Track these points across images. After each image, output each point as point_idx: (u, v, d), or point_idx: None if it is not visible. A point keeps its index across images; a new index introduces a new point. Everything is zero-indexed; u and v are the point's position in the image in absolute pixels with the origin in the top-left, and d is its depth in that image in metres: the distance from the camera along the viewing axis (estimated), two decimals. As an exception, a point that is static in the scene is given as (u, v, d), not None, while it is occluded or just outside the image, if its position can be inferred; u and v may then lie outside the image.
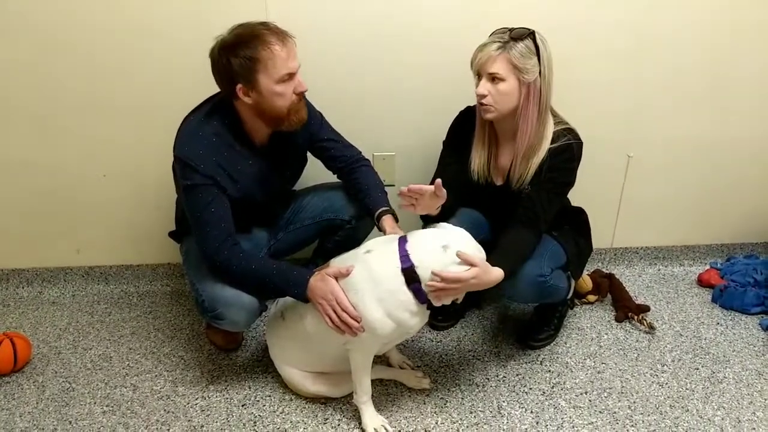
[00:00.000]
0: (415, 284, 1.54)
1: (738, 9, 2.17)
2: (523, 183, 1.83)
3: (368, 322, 1.56)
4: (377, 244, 1.65)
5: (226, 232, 1.72)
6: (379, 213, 1.85)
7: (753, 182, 2.49)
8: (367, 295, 1.55)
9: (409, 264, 1.54)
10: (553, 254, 1.90)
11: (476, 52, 1.73)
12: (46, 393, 1.90)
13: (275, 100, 1.67)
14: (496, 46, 1.69)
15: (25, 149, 2.24)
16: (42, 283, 2.47)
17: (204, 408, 1.82)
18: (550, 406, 1.83)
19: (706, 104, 2.33)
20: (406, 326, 1.59)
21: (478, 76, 1.76)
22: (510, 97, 1.74)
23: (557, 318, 2.14)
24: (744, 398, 1.85)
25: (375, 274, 1.56)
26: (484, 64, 1.71)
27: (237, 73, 1.62)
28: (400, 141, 2.29)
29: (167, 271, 2.48)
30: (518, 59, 1.69)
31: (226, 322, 1.75)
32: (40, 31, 2.06)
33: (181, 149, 1.70)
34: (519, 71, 1.70)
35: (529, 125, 1.77)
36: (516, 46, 1.68)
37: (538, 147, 1.79)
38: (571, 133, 1.81)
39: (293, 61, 1.66)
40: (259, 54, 1.60)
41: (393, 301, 1.55)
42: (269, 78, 1.63)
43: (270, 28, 1.63)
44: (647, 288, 2.46)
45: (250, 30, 1.62)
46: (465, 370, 1.98)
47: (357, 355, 1.66)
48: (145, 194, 2.32)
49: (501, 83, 1.71)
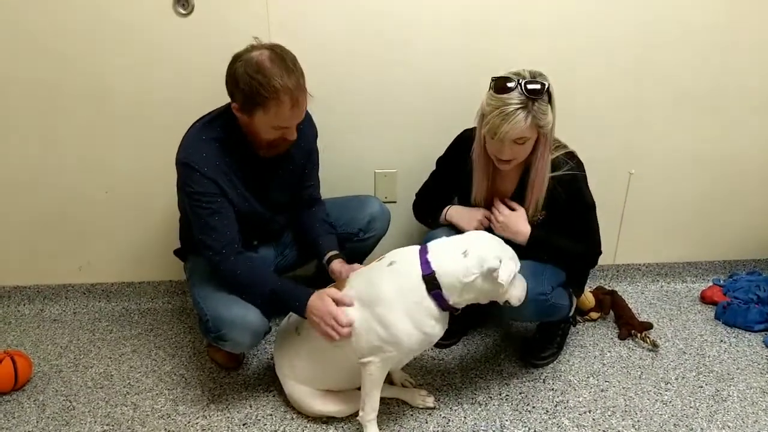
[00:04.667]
0: (435, 291, 1.56)
1: (736, 25, 2.19)
2: (537, 211, 1.87)
3: (396, 335, 1.57)
4: (398, 255, 1.67)
5: (232, 238, 1.72)
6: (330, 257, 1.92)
7: (755, 198, 2.49)
8: (397, 308, 1.57)
9: (430, 271, 1.56)
10: (553, 272, 1.90)
11: (501, 123, 1.66)
12: (46, 412, 1.89)
13: (259, 133, 1.70)
14: (522, 115, 1.65)
15: (27, 166, 2.24)
16: (43, 300, 2.47)
17: (205, 427, 1.81)
18: (553, 425, 1.81)
19: (706, 120, 2.34)
20: (430, 335, 1.62)
21: (499, 141, 1.71)
22: (529, 149, 1.76)
23: (560, 336, 2.14)
24: (749, 417, 1.84)
25: (402, 285, 1.59)
26: (514, 135, 1.68)
27: (239, 97, 1.63)
28: (402, 158, 2.30)
29: (169, 288, 2.48)
30: (541, 118, 1.69)
31: (230, 343, 1.75)
32: (43, 49, 2.07)
33: (185, 153, 1.71)
34: (540, 127, 1.71)
35: (542, 164, 1.80)
36: (536, 105, 1.66)
37: (544, 180, 1.83)
38: (572, 159, 1.84)
39: (294, 120, 1.67)
40: (265, 102, 1.60)
41: (419, 310, 1.57)
42: (264, 121, 1.65)
43: (289, 84, 1.58)
44: (650, 305, 2.45)
45: (272, 72, 1.57)
46: (467, 388, 1.97)
47: (375, 370, 1.65)
48: (148, 211, 2.33)
49: (526, 142, 1.73)
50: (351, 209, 2.07)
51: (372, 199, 2.11)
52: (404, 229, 2.20)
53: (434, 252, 1.60)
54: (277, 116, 1.63)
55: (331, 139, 2.12)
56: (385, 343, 1.59)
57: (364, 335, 1.62)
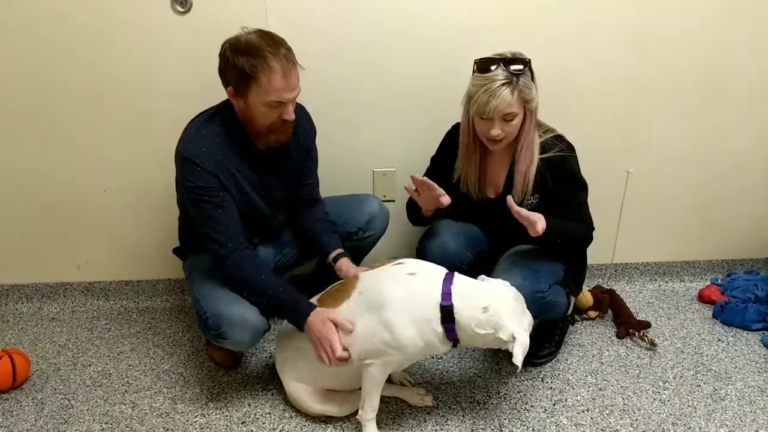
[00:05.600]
0: (449, 324, 1.57)
1: (734, 23, 2.19)
2: (526, 194, 1.86)
3: (400, 340, 1.58)
4: (420, 268, 1.66)
5: (237, 231, 1.72)
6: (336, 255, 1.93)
7: (753, 198, 2.50)
8: (404, 314, 1.58)
9: (449, 304, 1.56)
10: (550, 270, 1.91)
11: (489, 99, 1.68)
12: (44, 410, 1.88)
13: (257, 117, 1.69)
14: (508, 90, 1.68)
15: (26, 164, 2.24)
16: (42, 298, 2.46)
17: (203, 426, 1.81)
18: (551, 423, 1.81)
19: (704, 119, 2.34)
20: (434, 349, 1.63)
21: (488, 119, 1.74)
22: (518, 127, 1.78)
23: (558, 334, 2.14)
24: (746, 416, 1.84)
25: (415, 298, 1.59)
26: (502, 110, 1.70)
27: (232, 78, 1.64)
28: (401, 156, 2.30)
29: (167, 286, 2.48)
30: (526, 93, 1.72)
31: (229, 341, 1.75)
32: (43, 44, 2.07)
33: (185, 147, 1.70)
34: (527, 102, 1.74)
35: (530, 144, 1.81)
36: (521, 80, 1.70)
37: (533, 160, 1.84)
38: (561, 142, 1.86)
39: (288, 93, 1.65)
40: (256, 74, 1.60)
41: (427, 327, 1.58)
42: (258, 98, 1.64)
43: (279, 53, 1.62)
44: (648, 304, 2.45)
45: (260, 45, 1.61)
46: (466, 387, 1.97)
47: (376, 372, 1.65)
48: (146, 209, 2.32)
49: (514, 119, 1.74)
50: (350, 208, 2.07)
51: (371, 198, 2.11)
52: (403, 227, 2.20)
53: (458, 288, 1.59)
54: (269, 88, 1.62)
55: (330, 137, 2.11)
56: (389, 347, 1.60)
57: (368, 338, 1.62)
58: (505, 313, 1.56)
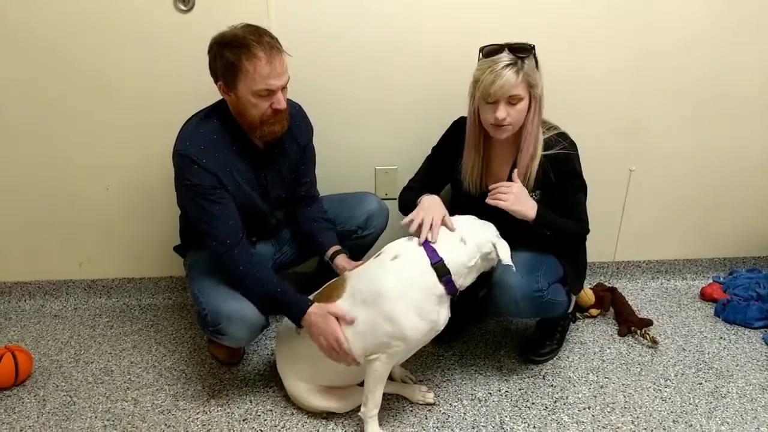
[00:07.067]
0: (446, 276, 1.61)
1: (736, 26, 2.19)
2: (528, 190, 1.85)
3: (402, 329, 1.59)
4: (399, 248, 1.69)
5: (235, 227, 1.73)
6: (333, 252, 1.93)
7: (755, 196, 2.50)
8: (402, 302, 1.59)
9: (438, 259, 1.62)
10: (549, 268, 1.90)
11: (494, 79, 1.69)
12: (47, 407, 1.89)
13: (249, 108, 1.69)
14: (513, 71, 1.69)
15: (27, 162, 2.25)
16: (44, 296, 2.47)
17: (205, 423, 1.82)
18: (552, 421, 1.82)
19: (707, 118, 2.34)
20: (436, 323, 1.65)
21: (493, 102, 1.73)
22: (524, 113, 1.77)
23: (559, 332, 2.14)
24: (748, 413, 1.84)
25: (409, 277, 1.61)
26: (507, 91, 1.70)
27: (220, 71, 1.66)
28: (403, 154, 2.30)
29: (169, 284, 2.48)
30: (531, 76, 1.72)
31: (228, 337, 1.75)
32: (43, 45, 2.07)
33: (183, 145, 1.71)
34: (531, 87, 1.74)
35: (534, 134, 1.81)
36: (526, 63, 1.70)
37: (536, 153, 1.84)
38: (565, 140, 1.86)
39: (276, 79, 1.65)
40: (241, 62, 1.61)
41: (427, 298, 1.61)
42: (246, 87, 1.65)
43: (262, 41, 1.63)
44: (650, 302, 2.45)
45: (243, 35, 1.63)
46: (467, 384, 1.97)
47: (380, 366, 1.65)
48: (149, 207, 2.33)
49: (519, 103, 1.74)
50: (349, 207, 2.07)
51: (370, 197, 2.11)
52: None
53: (437, 244, 1.65)
54: (255, 75, 1.62)
55: (331, 135, 2.12)
56: (392, 338, 1.60)
57: (370, 333, 1.62)
58: (477, 234, 1.68)
